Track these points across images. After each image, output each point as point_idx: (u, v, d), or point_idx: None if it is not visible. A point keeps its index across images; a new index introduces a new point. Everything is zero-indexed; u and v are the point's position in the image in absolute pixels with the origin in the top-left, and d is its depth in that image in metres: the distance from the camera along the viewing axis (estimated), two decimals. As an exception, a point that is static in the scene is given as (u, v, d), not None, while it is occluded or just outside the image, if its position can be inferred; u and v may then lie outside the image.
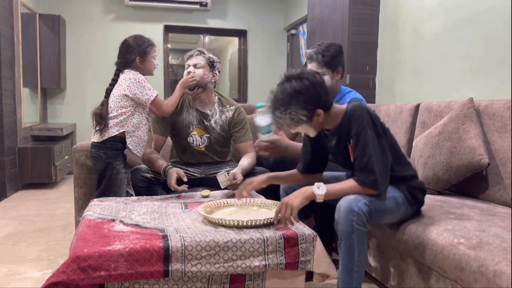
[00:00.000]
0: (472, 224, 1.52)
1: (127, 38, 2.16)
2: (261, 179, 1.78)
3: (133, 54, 2.11)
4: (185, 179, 2.03)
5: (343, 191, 1.49)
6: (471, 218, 1.61)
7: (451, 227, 1.49)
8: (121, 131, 2.08)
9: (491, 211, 1.72)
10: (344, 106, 1.60)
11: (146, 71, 2.15)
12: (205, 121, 2.33)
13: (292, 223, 1.47)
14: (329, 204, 1.72)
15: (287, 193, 1.82)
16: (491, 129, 1.96)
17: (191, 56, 2.31)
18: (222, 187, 1.98)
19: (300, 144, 2.06)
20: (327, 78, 2.14)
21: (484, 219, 1.59)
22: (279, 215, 1.47)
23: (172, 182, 1.99)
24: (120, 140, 2.08)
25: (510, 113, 1.86)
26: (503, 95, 2.23)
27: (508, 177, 1.85)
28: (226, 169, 2.19)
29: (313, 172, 1.82)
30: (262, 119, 1.99)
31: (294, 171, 1.86)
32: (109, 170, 2.07)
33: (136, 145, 2.11)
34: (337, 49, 2.13)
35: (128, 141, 2.09)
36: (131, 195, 2.16)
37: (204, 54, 2.32)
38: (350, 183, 1.50)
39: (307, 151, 1.79)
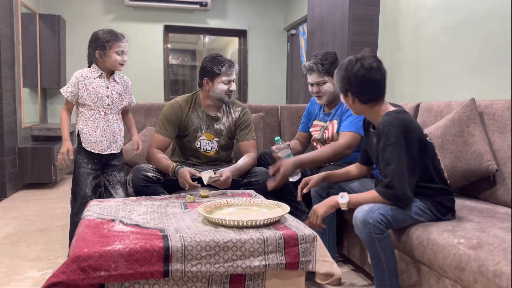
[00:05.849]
0: (472, 224, 1.52)
1: (96, 30, 2.13)
2: (317, 178, 1.87)
3: (92, 47, 2.10)
4: (198, 175, 2.05)
5: (366, 200, 1.57)
6: (471, 218, 1.61)
7: (451, 227, 1.49)
8: (77, 128, 2.15)
9: (491, 211, 1.72)
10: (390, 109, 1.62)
11: (108, 66, 2.11)
12: (215, 124, 2.35)
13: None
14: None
15: (319, 195, 1.96)
16: (491, 129, 1.96)
17: (233, 71, 2.26)
18: (205, 184, 2.03)
19: (311, 154, 2.07)
20: (329, 85, 2.25)
21: (484, 219, 1.59)
22: (310, 220, 1.67)
23: (189, 180, 2.02)
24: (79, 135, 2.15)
25: (510, 113, 1.86)
26: (503, 95, 2.23)
27: (509, 177, 1.85)
28: (215, 169, 2.22)
29: (368, 165, 1.90)
30: (283, 153, 2.08)
31: (349, 168, 1.94)
32: (76, 163, 2.16)
33: (87, 142, 2.12)
34: (333, 56, 2.25)
35: (82, 139, 2.13)
36: (112, 196, 2.18)
37: None
38: (372, 193, 1.56)
39: (363, 143, 1.88)
